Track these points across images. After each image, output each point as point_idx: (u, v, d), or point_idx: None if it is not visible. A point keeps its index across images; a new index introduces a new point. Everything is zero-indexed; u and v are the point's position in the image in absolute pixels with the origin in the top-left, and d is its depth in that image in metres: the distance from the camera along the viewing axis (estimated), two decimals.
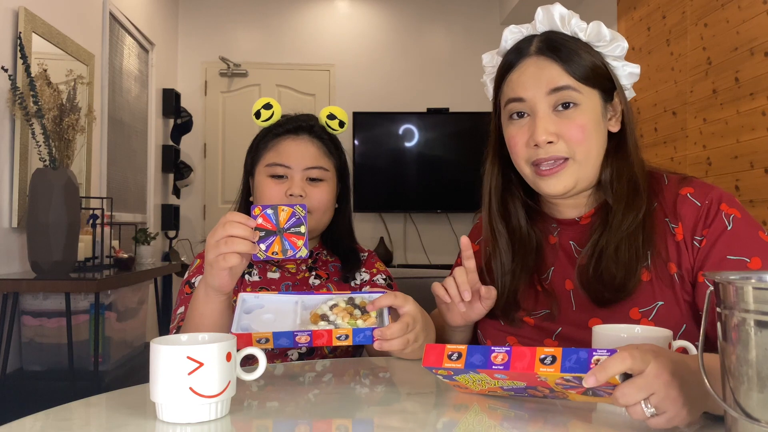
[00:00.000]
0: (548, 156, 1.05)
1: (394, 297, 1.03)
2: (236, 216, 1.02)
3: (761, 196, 2.81)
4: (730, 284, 0.65)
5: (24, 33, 2.72)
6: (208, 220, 5.33)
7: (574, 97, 1.04)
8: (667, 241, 1.05)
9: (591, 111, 1.05)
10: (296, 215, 1.05)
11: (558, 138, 1.04)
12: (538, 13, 1.08)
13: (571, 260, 1.12)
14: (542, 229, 1.17)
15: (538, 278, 1.14)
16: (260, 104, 1.37)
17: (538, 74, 1.06)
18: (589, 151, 1.05)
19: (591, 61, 1.06)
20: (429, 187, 5.27)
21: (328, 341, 0.97)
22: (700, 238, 1.03)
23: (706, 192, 1.05)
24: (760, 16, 2.82)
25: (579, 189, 1.09)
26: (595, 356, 0.75)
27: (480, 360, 0.82)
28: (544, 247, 1.16)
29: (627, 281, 1.02)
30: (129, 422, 0.80)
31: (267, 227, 1.04)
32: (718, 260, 1.00)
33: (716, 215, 1.02)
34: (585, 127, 1.04)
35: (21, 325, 2.68)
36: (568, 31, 1.08)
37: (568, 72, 1.04)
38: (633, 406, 0.71)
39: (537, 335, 1.11)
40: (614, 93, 1.09)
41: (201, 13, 5.41)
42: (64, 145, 2.65)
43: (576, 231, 1.13)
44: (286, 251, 1.04)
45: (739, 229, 1.01)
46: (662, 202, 1.08)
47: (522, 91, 1.07)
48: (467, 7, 5.55)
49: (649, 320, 1.02)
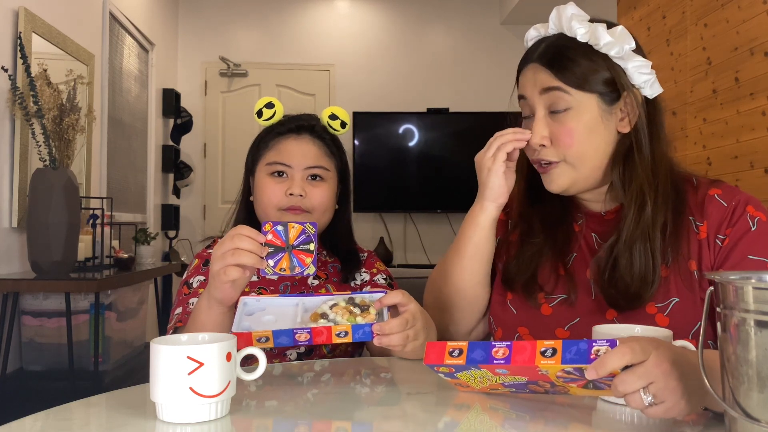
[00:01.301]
0: (539, 159, 1.10)
1: (401, 295, 1.03)
2: (245, 230, 1.02)
3: (761, 196, 2.80)
4: (730, 284, 0.65)
5: (24, 33, 2.72)
6: (208, 220, 5.33)
7: (565, 99, 1.06)
8: (690, 239, 1.06)
9: (585, 114, 1.06)
10: (306, 232, 1.06)
11: (549, 142, 1.08)
12: (552, 14, 1.12)
13: (592, 252, 1.13)
14: (569, 215, 1.18)
15: (562, 261, 1.14)
16: (262, 103, 1.37)
17: (533, 78, 1.10)
18: (581, 155, 1.07)
19: (587, 66, 1.06)
20: (429, 187, 5.27)
21: (328, 338, 0.97)
22: (723, 237, 1.04)
23: (734, 194, 1.08)
24: (760, 16, 2.82)
25: (579, 188, 1.10)
26: (595, 347, 0.75)
27: (481, 355, 0.82)
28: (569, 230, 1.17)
29: (642, 291, 1.03)
30: (129, 422, 0.80)
31: (276, 243, 1.05)
32: (739, 259, 1.02)
33: (741, 216, 1.04)
34: (574, 131, 1.05)
35: (21, 325, 2.68)
36: (571, 34, 1.09)
37: (559, 78, 1.07)
38: (632, 394, 0.72)
39: (550, 324, 1.11)
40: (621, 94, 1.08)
41: (201, 13, 5.41)
42: (64, 145, 2.65)
43: (600, 224, 1.14)
44: (294, 268, 1.05)
45: (763, 232, 1.03)
46: (690, 203, 1.09)
47: (523, 90, 1.13)
48: (467, 7, 5.55)
49: (665, 315, 1.03)
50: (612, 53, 1.07)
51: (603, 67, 1.07)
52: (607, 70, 1.07)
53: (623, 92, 1.07)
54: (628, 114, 1.09)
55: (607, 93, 1.07)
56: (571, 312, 1.10)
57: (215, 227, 4.98)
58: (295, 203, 1.29)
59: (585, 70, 1.06)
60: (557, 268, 1.14)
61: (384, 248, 5.15)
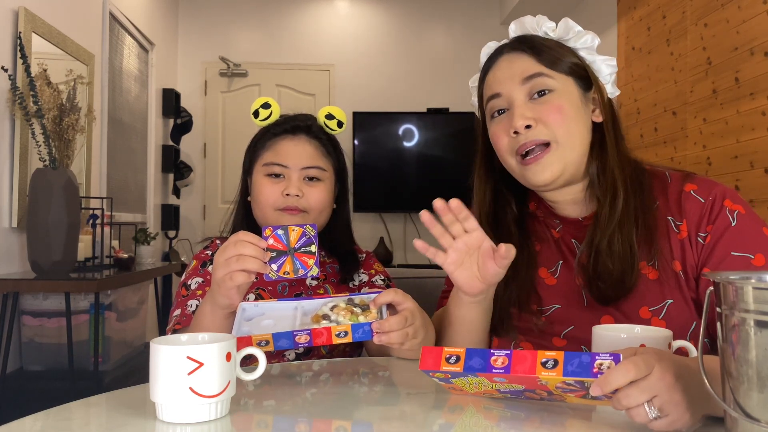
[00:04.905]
0: (528, 141, 1.05)
1: (394, 294, 1.03)
2: (247, 236, 1.03)
3: (761, 196, 2.81)
4: (729, 284, 0.65)
5: (24, 33, 2.72)
6: (208, 219, 5.33)
7: (547, 83, 1.06)
8: (671, 239, 1.05)
9: (568, 95, 1.07)
10: (306, 234, 1.07)
11: (536, 122, 1.05)
12: (510, 26, 1.14)
13: (575, 257, 1.12)
14: (547, 223, 1.17)
15: (547, 271, 1.14)
16: (258, 103, 1.37)
17: (510, 67, 1.09)
18: (570, 133, 1.06)
19: (563, 53, 1.09)
20: (429, 187, 5.27)
21: (328, 339, 0.97)
22: (704, 235, 1.03)
23: (709, 188, 1.06)
24: (760, 16, 2.82)
25: (567, 177, 1.08)
26: (598, 360, 0.74)
27: (479, 363, 0.81)
28: (549, 239, 1.16)
29: (625, 276, 1.03)
30: (129, 422, 0.80)
31: (278, 247, 1.05)
32: (722, 256, 1.01)
33: (720, 211, 1.03)
34: (562, 108, 1.05)
35: (21, 325, 2.68)
36: (540, 32, 1.12)
37: (539, 61, 1.07)
38: (636, 408, 0.71)
39: (546, 332, 1.11)
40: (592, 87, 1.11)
41: (201, 13, 5.41)
42: (64, 145, 2.65)
43: (579, 229, 1.13)
44: (298, 270, 1.06)
45: (743, 226, 1.02)
46: (665, 200, 1.08)
47: (498, 86, 1.10)
48: (467, 7, 5.55)
49: (660, 319, 1.02)
50: (581, 44, 1.10)
51: (575, 57, 1.10)
52: (580, 60, 1.10)
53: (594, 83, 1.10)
54: (599, 105, 1.11)
55: (582, 79, 1.09)
56: (565, 321, 1.09)
57: (215, 227, 4.98)
58: (292, 203, 1.29)
59: (564, 58, 1.08)
60: (543, 281, 1.13)
61: (384, 248, 5.15)
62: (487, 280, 1.01)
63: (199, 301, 1.27)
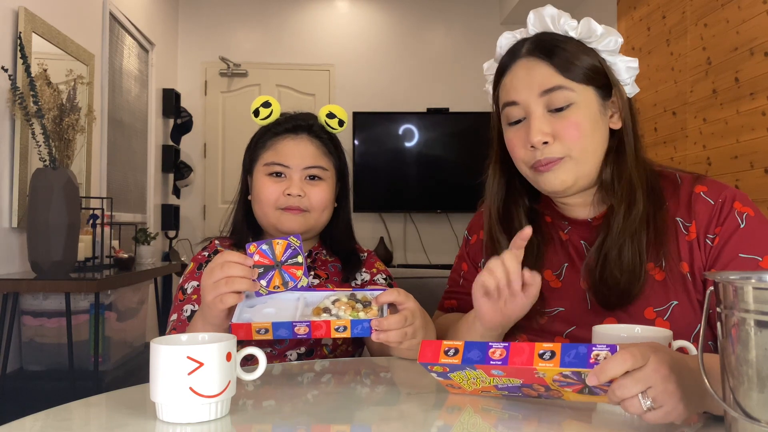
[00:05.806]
0: (544, 157, 1.04)
1: (397, 293, 1.03)
2: (232, 256, 1.02)
3: (761, 196, 2.81)
4: (729, 284, 0.65)
5: (24, 33, 2.72)
6: (208, 220, 5.33)
7: (568, 96, 1.03)
8: (679, 240, 1.04)
9: (587, 108, 1.04)
10: (291, 246, 1.07)
11: (554, 138, 1.03)
12: (529, 16, 1.09)
13: (582, 259, 1.11)
14: (555, 224, 1.16)
15: (552, 274, 1.13)
16: (259, 102, 1.37)
17: (528, 76, 1.05)
18: (585, 149, 1.04)
19: (583, 59, 1.05)
20: (429, 187, 5.27)
21: (327, 333, 0.97)
22: (713, 236, 1.02)
23: (719, 190, 1.05)
24: (760, 16, 2.82)
25: (579, 186, 1.08)
26: (595, 351, 0.75)
27: (477, 355, 0.81)
28: (556, 241, 1.15)
29: (631, 286, 1.02)
30: (129, 422, 0.80)
31: (264, 263, 1.06)
32: (730, 258, 1.00)
33: (729, 213, 1.02)
34: (580, 125, 1.03)
35: (21, 325, 2.68)
36: (560, 30, 1.08)
37: (558, 71, 1.04)
38: (630, 399, 0.71)
39: (548, 332, 1.10)
40: (612, 90, 1.08)
41: (201, 13, 5.41)
42: (64, 145, 2.65)
43: (588, 230, 1.12)
44: (287, 283, 1.07)
45: (752, 228, 1.01)
46: (676, 201, 1.07)
47: (515, 95, 1.07)
48: (467, 7, 5.55)
49: (664, 320, 1.01)
50: (603, 46, 1.07)
51: (597, 61, 1.07)
52: (600, 64, 1.07)
53: (614, 88, 1.08)
54: (618, 110, 1.09)
55: (602, 87, 1.07)
56: (568, 322, 1.09)
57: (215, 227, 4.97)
58: (294, 203, 1.29)
59: (584, 64, 1.05)
60: (547, 283, 1.12)
61: (384, 248, 5.16)
62: (509, 315, 1.03)
63: (194, 306, 1.27)
